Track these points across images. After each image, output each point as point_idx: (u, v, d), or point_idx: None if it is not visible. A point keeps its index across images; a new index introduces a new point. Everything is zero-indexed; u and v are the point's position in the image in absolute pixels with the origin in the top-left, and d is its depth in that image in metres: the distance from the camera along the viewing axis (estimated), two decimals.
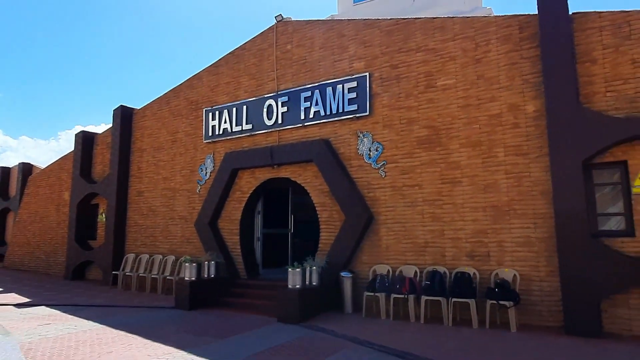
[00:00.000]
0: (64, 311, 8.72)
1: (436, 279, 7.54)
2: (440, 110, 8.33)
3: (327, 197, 9.46)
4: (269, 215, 11.59)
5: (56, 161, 16.38)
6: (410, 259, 8.32)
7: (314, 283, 8.23)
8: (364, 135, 9.13)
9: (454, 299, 7.29)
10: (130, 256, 12.51)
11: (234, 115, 11.10)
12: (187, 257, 9.97)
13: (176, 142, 12.46)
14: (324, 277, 8.49)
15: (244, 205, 10.76)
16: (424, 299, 7.51)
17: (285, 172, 10.20)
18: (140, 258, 12.25)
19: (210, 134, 11.53)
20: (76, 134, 14.99)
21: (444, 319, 7.35)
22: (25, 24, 74.36)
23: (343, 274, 8.60)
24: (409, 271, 8.14)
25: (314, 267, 8.30)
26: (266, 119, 10.54)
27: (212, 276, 9.68)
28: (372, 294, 8.00)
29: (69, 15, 76.51)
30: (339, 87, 9.47)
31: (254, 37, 11.29)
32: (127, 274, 12.02)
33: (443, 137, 8.25)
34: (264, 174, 10.54)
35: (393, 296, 7.77)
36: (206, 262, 9.74)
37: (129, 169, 13.56)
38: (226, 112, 11.26)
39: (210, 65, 12.02)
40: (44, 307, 9.17)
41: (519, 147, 7.53)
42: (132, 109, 13.96)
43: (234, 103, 11.20)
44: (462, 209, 7.93)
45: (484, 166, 7.80)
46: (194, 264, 9.46)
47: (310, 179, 9.80)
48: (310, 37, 10.25)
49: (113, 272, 12.47)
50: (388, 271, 8.36)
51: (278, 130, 10.36)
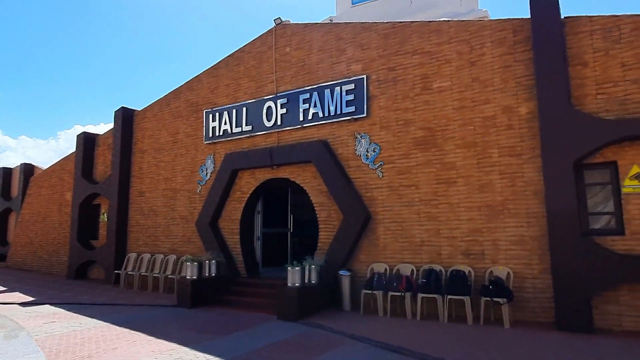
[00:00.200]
0: (68, 309, 8.90)
1: (432, 277, 7.74)
2: (436, 112, 8.51)
3: (326, 197, 9.64)
4: (269, 215, 11.75)
5: (58, 162, 16.54)
6: (407, 258, 8.50)
7: (312, 281, 8.41)
8: (361, 137, 9.31)
9: (449, 296, 7.48)
10: (132, 255, 12.69)
11: (234, 116, 11.28)
12: (189, 256, 10.17)
13: (177, 143, 12.63)
14: (322, 275, 8.67)
15: (244, 205, 10.94)
16: (420, 297, 7.69)
17: (284, 173, 10.38)
18: (142, 257, 12.42)
19: (211, 135, 11.70)
20: (78, 135, 15.16)
21: (439, 315, 7.54)
22: (25, 24, 74.39)
23: (341, 272, 8.78)
24: (406, 269, 8.32)
25: (313, 266, 8.47)
26: (265, 121, 10.71)
27: (213, 275, 9.85)
28: (370, 291, 8.19)
29: (68, 15, 76.55)
30: (337, 89, 9.65)
31: (253, 40, 11.45)
32: (129, 273, 12.20)
33: (439, 138, 8.43)
34: (263, 175, 10.71)
35: (390, 294, 7.96)
36: (207, 261, 9.91)
37: (130, 169, 13.73)
38: (226, 114, 11.44)
39: (210, 68, 12.19)
40: (48, 306, 9.35)
41: (513, 148, 7.71)
42: (133, 111, 14.12)
43: (234, 105, 11.37)
44: (457, 209, 8.11)
45: (479, 167, 7.98)
46: (196, 263, 9.63)
47: (309, 180, 9.98)
48: (309, 40, 10.41)
49: (115, 272, 12.65)
50: (385, 269, 8.54)
51: (277, 132, 10.54)
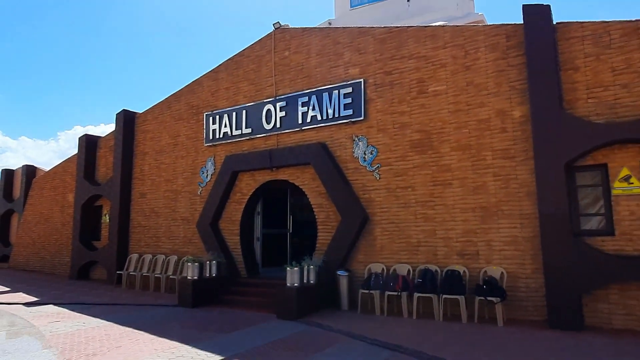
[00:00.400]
0: (72, 309, 9.07)
1: (428, 276, 7.91)
2: (431, 115, 8.69)
3: (324, 199, 9.82)
4: (268, 216, 11.93)
5: (60, 164, 16.73)
6: (403, 258, 8.68)
7: (311, 281, 8.58)
8: (359, 139, 9.48)
9: (444, 296, 7.65)
10: (134, 256, 12.87)
11: (234, 119, 11.46)
12: (190, 256, 10.37)
13: (178, 145, 12.81)
14: (321, 275, 8.84)
15: (244, 206, 11.12)
16: (416, 296, 7.87)
17: (283, 175, 10.56)
18: (144, 258, 12.60)
19: (211, 137, 11.88)
20: (80, 138, 15.34)
21: (435, 314, 7.72)
22: (25, 24, 74.59)
23: (339, 272, 8.96)
24: (402, 269, 8.50)
25: (312, 266, 8.65)
26: (265, 123, 10.89)
27: (214, 275, 10.02)
28: (367, 291, 8.37)
29: (69, 16, 76.75)
30: (335, 93, 9.83)
31: (252, 44, 11.63)
32: (131, 273, 12.39)
33: (434, 141, 8.61)
34: (263, 176, 10.89)
35: (387, 293, 8.13)
36: (208, 262, 10.09)
37: (132, 171, 13.91)
38: (226, 117, 11.62)
39: (211, 71, 12.37)
40: (52, 306, 9.52)
41: (506, 151, 7.89)
42: (134, 113, 14.30)
43: (234, 107, 11.55)
44: (452, 210, 8.29)
45: (473, 169, 8.16)
46: (196, 264, 9.81)
47: (307, 181, 10.16)
48: (307, 44, 10.60)
49: (117, 272, 12.83)
50: (382, 270, 8.72)
51: (276, 134, 10.72)
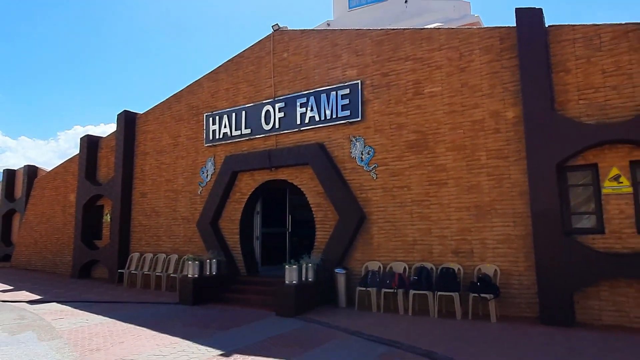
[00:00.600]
0: (75, 307, 9.25)
1: (423, 274, 8.09)
2: (427, 116, 8.85)
3: (322, 198, 9.99)
4: (268, 215, 12.10)
5: (61, 164, 16.89)
6: (399, 256, 8.85)
7: (309, 279, 8.76)
8: (356, 140, 9.65)
9: (439, 293, 7.82)
10: (135, 255, 13.05)
11: (234, 120, 11.63)
12: (190, 255, 10.54)
13: (178, 145, 12.98)
14: (319, 273, 9.02)
15: (243, 205, 11.29)
16: (412, 293, 8.04)
17: (282, 175, 10.73)
18: (145, 257, 12.77)
19: (211, 137, 12.05)
20: (81, 138, 15.49)
21: (430, 311, 7.89)
22: (25, 25, 74.72)
23: (337, 270, 9.13)
24: (399, 267, 8.67)
25: (310, 264, 8.83)
26: (264, 124, 11.06)
27: (214, 273, 10.19)
28: (364, 288, 8.54)
29: (69, 16, 76.88)
30: (333, 94, 10.00)
31: (252, 46, 11.80)
32: (132, 272, 12.56)
33: (430, 141, 8.77)
34: (262, 176, 11.06)
35: (384, 291, 8.32)
36: (208, 260, 10.26)
37: (133, 171, 14.07)
38: (226, 117, 11.79)
39: (210, 72, 12.53)
40: (55, 304, 9.69)
41: (500, 151, 8.06)
42: (135, 114, 14.46)
43: (233, 108, 11.72)
44: (448, 209, 8.46)
45: (468, 168, 8.33)
46: (197, 262, 9.98)
47: (306, 181, 10.33)
48: (306, 46, 10.76)
49: (118, 271, 13.00)
50: (379, 267, 8.89)
51: (275, 135, 10.89)
